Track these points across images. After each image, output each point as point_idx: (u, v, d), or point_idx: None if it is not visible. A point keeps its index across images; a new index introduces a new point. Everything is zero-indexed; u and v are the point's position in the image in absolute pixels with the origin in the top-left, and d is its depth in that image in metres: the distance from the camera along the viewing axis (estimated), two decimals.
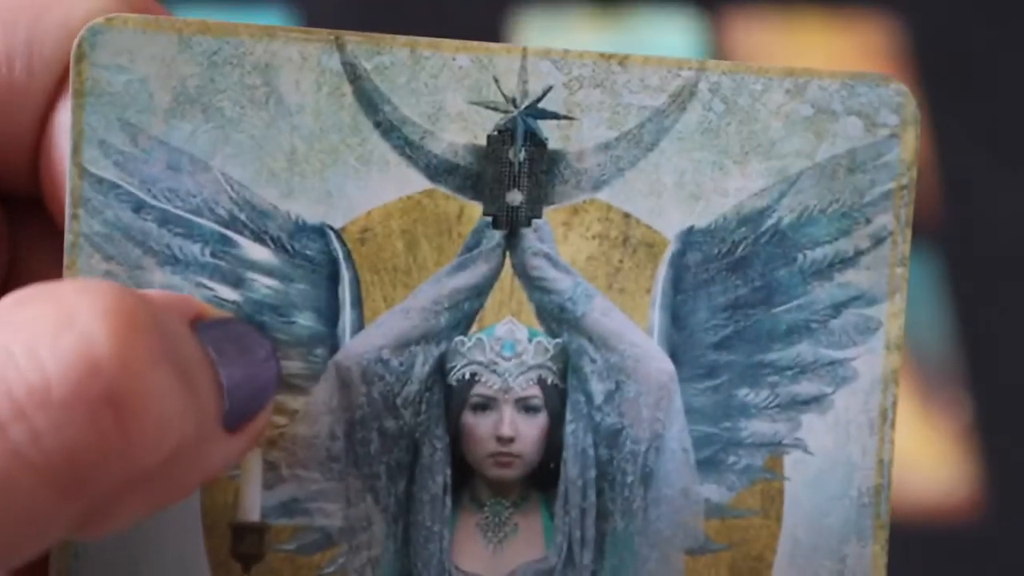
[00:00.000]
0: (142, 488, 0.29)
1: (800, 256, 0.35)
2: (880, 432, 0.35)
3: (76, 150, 0.34)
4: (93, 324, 0.28)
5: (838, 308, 0.35)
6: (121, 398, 0.28)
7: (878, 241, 0.35)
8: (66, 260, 0.34)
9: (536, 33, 1.13)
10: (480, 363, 0.35)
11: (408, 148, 0.34)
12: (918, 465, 0.98)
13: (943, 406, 1.01)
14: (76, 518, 0.28)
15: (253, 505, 0.34)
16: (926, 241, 1.05)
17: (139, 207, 0.34)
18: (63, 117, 0.34)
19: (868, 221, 0.35)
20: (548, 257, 0.35)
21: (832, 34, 1.15)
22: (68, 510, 0.28)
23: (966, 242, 1.08)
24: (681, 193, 0.35)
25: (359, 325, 0.35)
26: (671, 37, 1.13)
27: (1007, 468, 1.01)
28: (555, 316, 0.35)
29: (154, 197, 0.34)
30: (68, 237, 0.34)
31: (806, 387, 0.35)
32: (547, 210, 0.35)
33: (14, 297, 0.29)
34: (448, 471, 0.35)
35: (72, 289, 0.29)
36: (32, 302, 0.29)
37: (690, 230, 0.35)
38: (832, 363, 0.35)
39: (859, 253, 0.35)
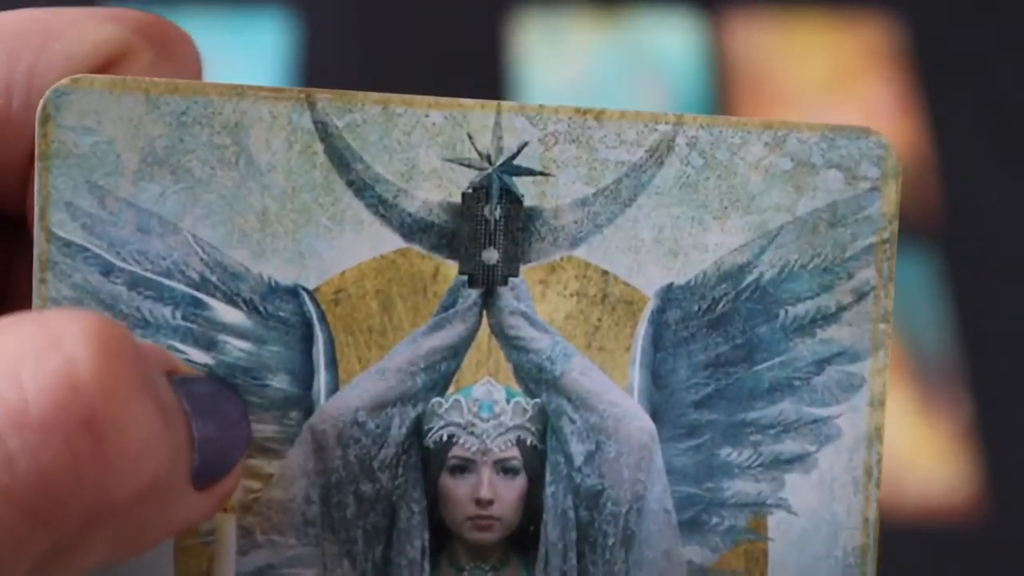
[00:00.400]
0: (111, 524, 0.29)
1: (782, 312, 0.35)
2: (865, 490, 0.35)
3: (43, 214, 0.33)
4: (77, 347, 0.27)
5: (821, 365, 0.35)
6: (100, 422, 0.27)
7: (860, 296, 0.35)
8: None
9: (536, 33, 1.12)
10: (458, 424, 0.34)
11: (382, 207, 0.34)
12: (918, 465, 0.97)
13: (943, 406, 1.00)
14: (45, 549, 0.28)
15: (228, 572, 0.34)
16: (926, 241, 1.05)
17: (108, 270, 0.33)
18: None
19: (850, 276, 0.35)
20: (525, 316, 0.34)
21: (832, 34, 1.14)
22: (38, 538, 0.27)
23: (966, 242, 1.07)
24: (660, 249, 0.34)
25: (334, 387, 0.34)
26: (671, 37, 1.13)
27: (1007, 468, 1.00)
28: (533, 376, 0.34)
29: (123, 260, 0.33)
30: (36, 302, 0.33)
31: (789, 446, 0.35)
32: (524, 268, 0.34)
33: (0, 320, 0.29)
34: (426, 535, 0.34)
35: (58, 314, 0.28)
36: (17, 325, 0.28)
37: (670, 287, 0.34)
38: (815, 421, 0.35)
39: (841, 309, 0.35)
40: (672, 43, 1.13)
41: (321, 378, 0.34)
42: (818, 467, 0.35)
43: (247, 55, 1.08)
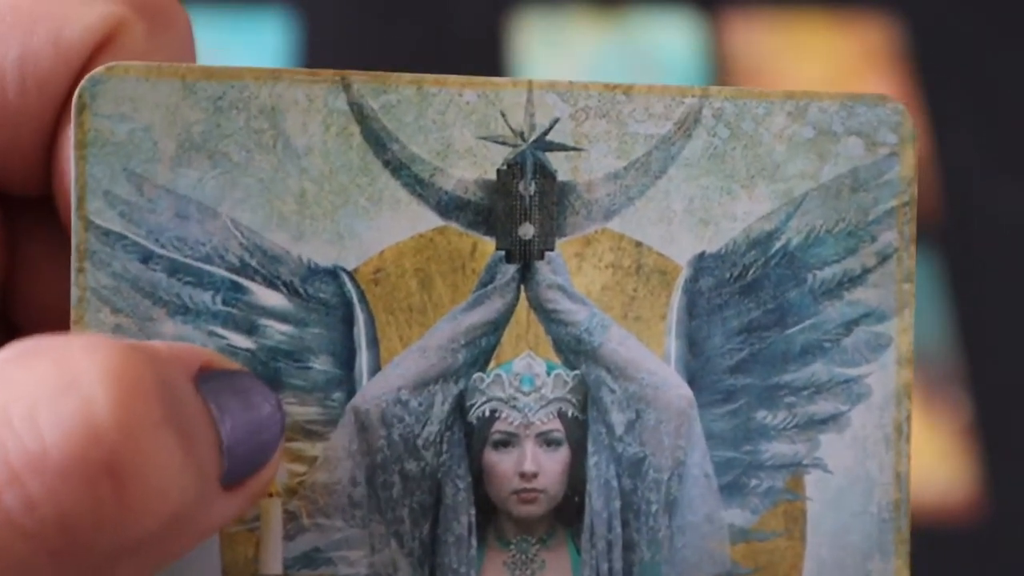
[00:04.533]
0: (139, 553, 0.28)
1: (810, 276, 0.35)
2: (896, 446, 0.35)
3: (80, 202, 0.33)
4: (95, 388, 0.27)
5: (849, 326, 0.35)
6: (120, 466, 0.27)
7: (884, 258, 0.35)
8: (73, 315, 0.33)
9: (536, 33, 1.13)
10: (500, 399, 0.35)
11: (418, 186, 0.34)
12: (918, 465, 0.98)
13: (943, 406, 1.01)
14: None
15: (275, 557, 0.34)
16: (926, 241, 1.05)
17: (147, 257, 0.34)
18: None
19: (873, 239, 0.35)
20: (563, 289, 0.35)
21: (832, 34, 1.14)
22: (65, 574, 0.27)
23: (966, 242, 1.08)
24: (691, 219, 0.35)
25: (376, 367, 0.34)
26: (671, 37, 1.13)
27: (1007, 468, 1.01)
28: (572, 348, 0.35)
29: (162, 247, 0.34)
30: (75, 291, 0.33)
31: (822, 406, 0.35)
32: (559, 242, 0.35)
33: (17, 350, 0.28)
34: (472, 511, 0.35)
35: (77, 347, 0.28)
36: (35, 359, 0.28)
37: (702, 255, 0.35)
38: (846, 381, 0.35)
39: (866, 271, 0.35)
40: (672, 43, 1.13)
41: (363, 358, 0.34)
42: (851, 426, 0.35)
43: (247, 54, 1.08)
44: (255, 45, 1.10)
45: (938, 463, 0.98)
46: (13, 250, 0.36)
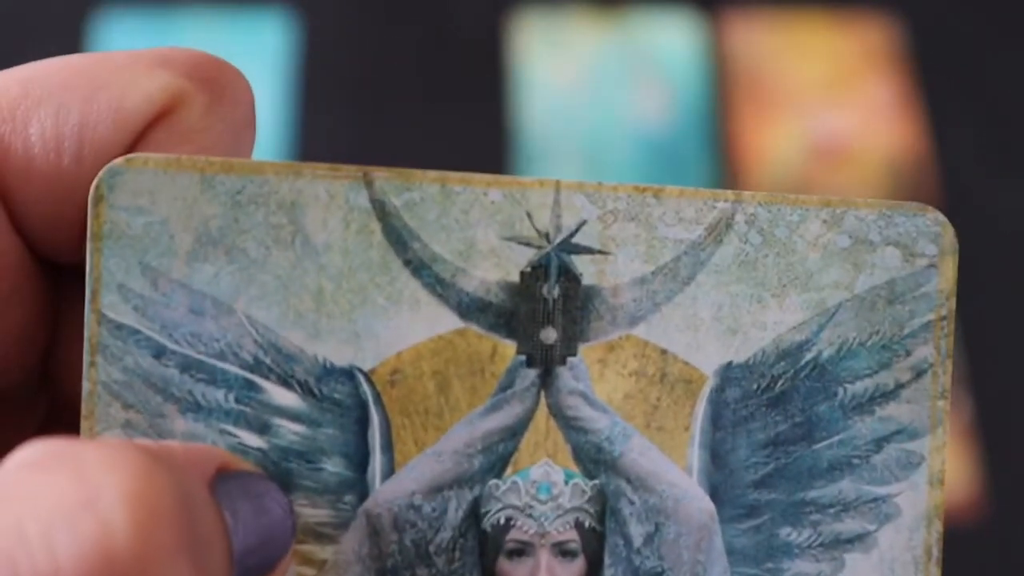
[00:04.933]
0: None
1: (840, 390, 0.34)
2: (925, 570, 0.34)
3: (94, 296, 0.32)
4: (114, 510, 0.26)
5: (879, 443, 0.34)
6: None
7: (919, 374, 0.34)
8: (84, 409, 0.32)
9: (536, 33, 1.12)
10: (515, 507, 0.34)
11: (439, 286, 0.33)
12: None
13: None
14: None
15: None
16: None
17: (160, 353, 0.33)
18: None
19: (908, 353, 0.34)
20: (584, 396, 0.34)
21: (832, 34, 1.14)
22: None
23: (966, 242, 1.07)
24: (719, 327, 0.34)
25: (390, 470, 0.33)
26: (671, 37, 1.12)
27: (1007, 468, 1.01)
28: (592, 457, 0.34)
29: (176, 342, 0.33)
30: (86, 385, 0.32)
31: (849, 525, 0.34)
32: (582, 347, 0.34)
33: (33, 456, 0.27)
34: None
35: (96, 460, 0.27)
36: (52, 471, 0.27)
37: (728, 365, 0.34)
38: (875, 500, 0.34)
39: (900, 386, 0.34)
40: (672, 43, 1.12)
41: (376, 461, 0.33)
42: (878, 546, 0.34)
43: (247, 55, 1.08)
44: (255, 45, 1.09)
45: None
46: (59, 319, 0.35)
